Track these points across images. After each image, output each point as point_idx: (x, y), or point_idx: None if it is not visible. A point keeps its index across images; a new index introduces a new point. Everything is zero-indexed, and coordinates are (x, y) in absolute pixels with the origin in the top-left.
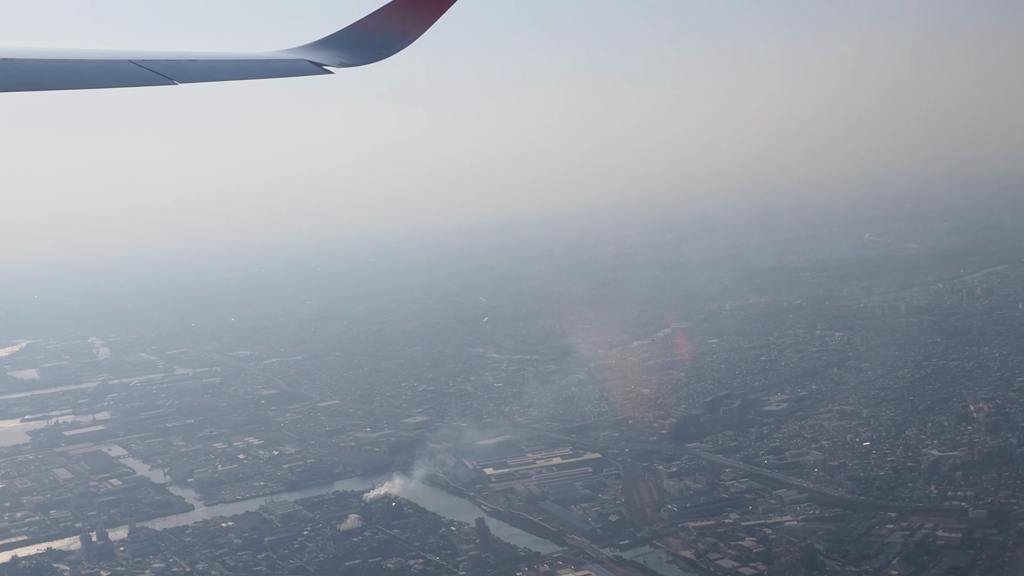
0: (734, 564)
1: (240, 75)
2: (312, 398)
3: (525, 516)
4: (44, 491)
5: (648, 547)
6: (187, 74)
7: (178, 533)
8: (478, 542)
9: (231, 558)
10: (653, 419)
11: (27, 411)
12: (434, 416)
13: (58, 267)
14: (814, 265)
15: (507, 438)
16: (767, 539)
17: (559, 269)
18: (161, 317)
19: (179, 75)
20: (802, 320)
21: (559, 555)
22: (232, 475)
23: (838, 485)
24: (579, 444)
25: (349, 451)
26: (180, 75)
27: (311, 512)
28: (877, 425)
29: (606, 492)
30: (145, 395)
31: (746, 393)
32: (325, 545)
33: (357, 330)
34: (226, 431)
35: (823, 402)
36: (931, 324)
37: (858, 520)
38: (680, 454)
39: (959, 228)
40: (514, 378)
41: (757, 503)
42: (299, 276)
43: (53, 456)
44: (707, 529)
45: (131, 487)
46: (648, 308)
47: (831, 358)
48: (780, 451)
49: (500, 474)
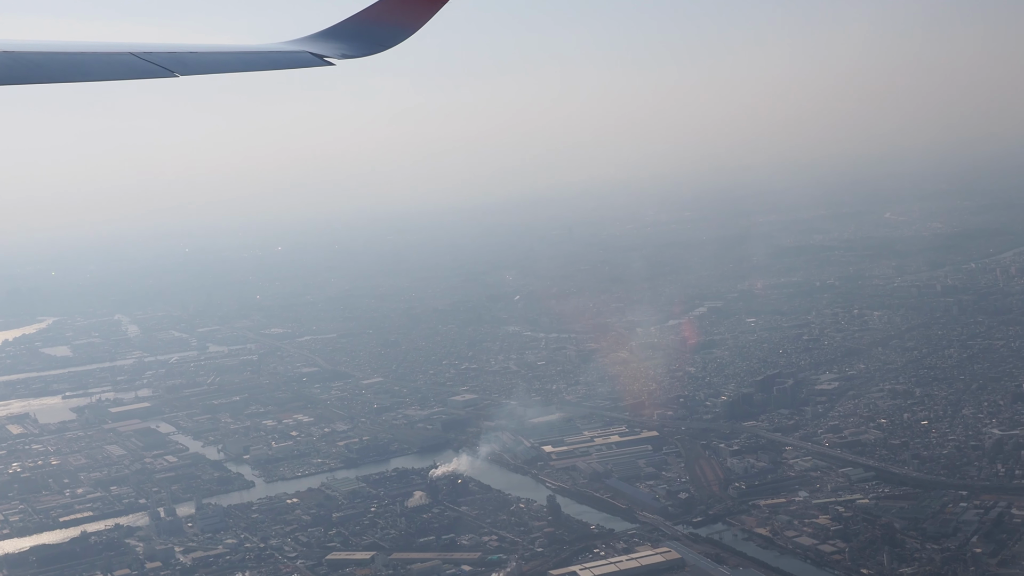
0: (812, 542)
1: (241, 67)
2: (354, 376)
3: (592, 493)
4: (100, 467)
5: (721, 524)
6: (188, 66)
7: (244, 509)
8: (550, 519)
9: (303, 534)
10: (704, 397)
11: (67, 388)
12: (482, 394)
13: (70, 243)
14: (840, 244)
15: (559, 416)
16: (841, 517)
17: (581, 248)
18: (185, 295)
19: (180, 67)
20: (837, 299)
21: (633, 532)
22: (287, 452)
23: (903, 464)
24: (634, 423)
25: (402, 429)
26: (181, 67)
27: (375, 489)
28: (932, 404)
29: (669, 470)
30: (184, 372)
31: (795, 372)
32: (396, 522)
33: (387, 308)
34: (273, 408)
35: (873, 381)
36: (970, 304)
37: (930, 499)
38: (737, 432)
39: (981, 208)
40: (556, 356)
41: (824, 481)
42: (318, 254)
43: (103, 433)
44: (778, 507)
45: (187, 464)
46: (679, 287)
47: (874, 337)
48: (839, 430)
49: (559, 452)
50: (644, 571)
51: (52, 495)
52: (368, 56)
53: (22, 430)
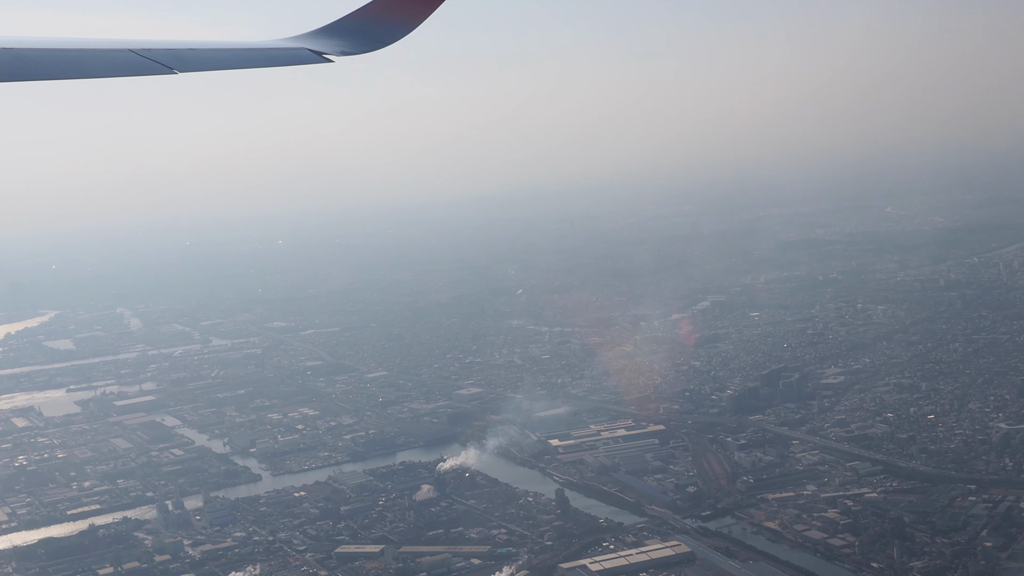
0: (822, 535)
1: (240, 64)
2: (359, 369)
3: (600, 487)
4: (106, 460)
5: (730, 518)
6: (187, 63)
7: (252, 503)
8: (559, 512)
9: (311, 528)
10: (710, 392)
11: (71, 381)
12: (487, 388)
13: (68, 237)
14: (843, 238)
15: (565, 410)
16: (850, 511)
17: (583, 242)
18: (187, 288)
19: (179, 64)
20: (841, 293)
21: (642, 526)
22: (293, 445)
23: (910, 458)
24: (640, 417)
25: (407, 422)
26: (180, 64)
27: (382, 482)
28: (938, 398)
29: (676, 464)
30: (188, 366)
31: (800, 366)
32: (404, 515)
33: (390, 301)
34: (278, 402)
35: (879, 375)
36: (974, 298)
37: (938, 492)
38: (744, 426)
39: (982, 202)
40: (560, 350)
41: (832, 475)
42: (318, 248)
43: (108, 426)
44: (787, 501)
45: (194, 457)
46: (681, 281)
47: (878, 332)
48: (846, 424)
49: (566, 445)
50: (654, 564)
51: (59, 488)
52: (367, 53)
53: (27, 423)
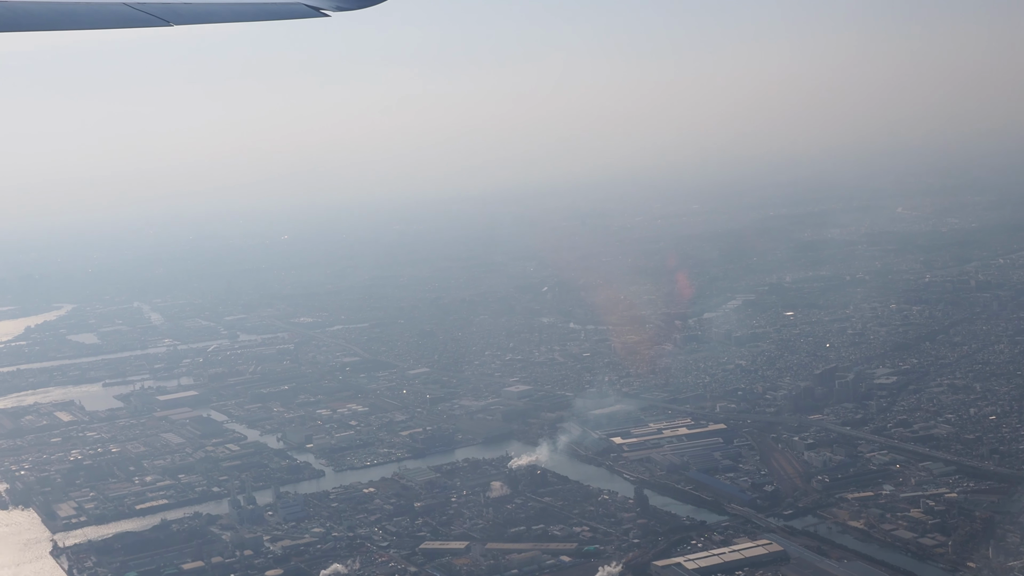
0: (911, 535)
1: (235, 17)
2: (398, 366)
3: (673, 485)
4: (162, 455)
5: (812, 517)
6: (182, 16)
7: (322, 498)
8: (639, 510)
9: (390, 524)
10: (763, 391)
11: (104, 376)
12: (534, 385)
13: (67, 230)
14: (861, 239)
15: (620, 407)
16: (934, 511)
17: (597, 240)
18: (201, 282)
19: (174, 17)
20: (871, 294)
21: (726, 524)
22: (350, 441)
23: (982, 458)
24: (698, 415)
25: (462, 419)
26: (175, 17)
27: (449, 479)
28: (995, 399)
29: (745, 463)
30: (223, 361)
31: (850, 366)
32: (482, 512)
33: (413, 298)
34: (323, 398)
35: (930, 376)
36: (1008, 299)
37: (1019, 493)
38: (805, 426)
39: (994, 203)
40: (599, 348)
41: (906, 475)
42: (326, 242)
43: (155, 421)
44: (867, 500)
45: (250, 452)
46: (706, 280)
47: (919, 332)
48: (908, 424)
49: (630, 443)
50: (749, 563)
51: (120, 483)
52: (363, 9)
53: (72, 417)
